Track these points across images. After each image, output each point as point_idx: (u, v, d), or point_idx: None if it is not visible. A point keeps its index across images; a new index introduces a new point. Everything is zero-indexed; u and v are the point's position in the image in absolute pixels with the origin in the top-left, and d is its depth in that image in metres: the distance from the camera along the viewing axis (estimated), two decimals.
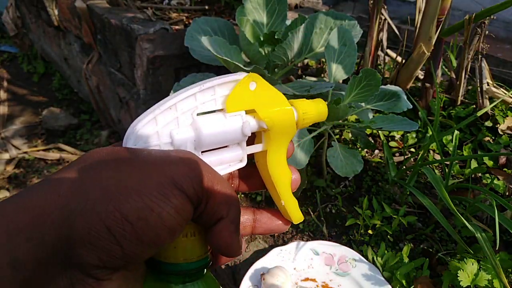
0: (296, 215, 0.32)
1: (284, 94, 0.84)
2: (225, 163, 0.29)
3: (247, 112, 0.29)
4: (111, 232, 0.20)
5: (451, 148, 0.93)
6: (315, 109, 0.31)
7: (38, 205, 0.20)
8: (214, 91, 0.27)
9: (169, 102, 0.26)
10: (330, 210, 0.87)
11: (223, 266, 0.80)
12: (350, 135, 1.04)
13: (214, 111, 0.28)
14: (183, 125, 0.27)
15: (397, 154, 1.01)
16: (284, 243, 0.81)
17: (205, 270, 0.27)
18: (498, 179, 0.86)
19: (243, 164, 0.30)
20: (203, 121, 0.27)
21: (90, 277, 0.21)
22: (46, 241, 0.19)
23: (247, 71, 0.85)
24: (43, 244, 0.19)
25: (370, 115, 0.91)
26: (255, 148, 0.30)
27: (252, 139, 0.31)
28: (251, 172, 0.32)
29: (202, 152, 0.28)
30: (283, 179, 0.31)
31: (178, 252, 0.25)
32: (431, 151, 1.00)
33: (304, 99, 0.32)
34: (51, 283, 0.20)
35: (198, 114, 0.27)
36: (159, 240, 0.21)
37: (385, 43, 1.14)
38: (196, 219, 0.24)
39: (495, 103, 0.96)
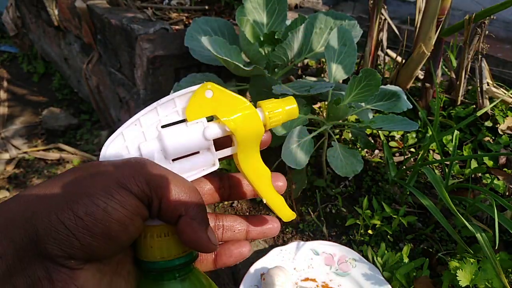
0: (285, 213, 0.33)
1: (284, 94, 0.84)
2: (198, 168, 0.31)
3: (210, 118, 0.31)
4: (66, 226, 0.23)
5: (451, 148, 0.93)
6: (282, 108, 0.32)
7: (10, 209, 0.24)
8: (175, 103, 0.30)
9: (132, 119, 0.29)
10: (330, 210, 0.87)
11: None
12: (350, 135, 1.04)
13: (177, 122, 0.30)
14: (149, 138, 0.29)
15: (397, 154, 1.01)
16: (284, 243, 0.81)
17: (192, 267, 0.29)
18: (498, 179, 0.86)
19: (216, 167, 0.31)
20: (166, 132, 0.29)
21: (63, 266, 0.24)
22: (17, 237, 0.23)
23: (247, 71, 0.85)
24: (15, 240, 0.23)
25: (370, 115, 0.91)
26: (225, 152, 0.32)
27: (229, 144, 0.32)
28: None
29: (173, 160, 0.30)
30: (260, 178, 0.32)
31: (154, 252, 0.27)
32: (431, 151, 1.00)
33: (273, 99, 0.33)
34: (29, 271, 0.23)
35: (162, 127, 0.29)
36: (112, 233, 0.24)
37: (385, 43, 1.14)
38: (159, 218, 0.27)
39: (495, 103, 0.96)
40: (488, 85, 1.01)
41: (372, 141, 1.04)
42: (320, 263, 0.74)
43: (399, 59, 1.16)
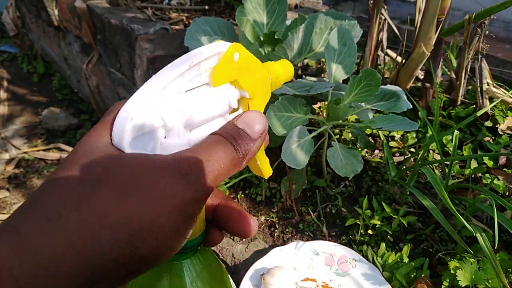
0: (267, 171, 0.34)
1: (284, 94, 0.84)
2: None
3: (231, 83, 0.29)
4: (130, 271, 0.21)
5: (451, 148, 0.93)
6: (284, 72, 0.33)
7: (48, 255, 0.19)
8: (200, 65, 0.27)
9: (158, 84, 0.25)
10: (330, 210, 0.87)
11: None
12: (350, 135, 1.04)
13: (200, 86, 0.27)
14: (173, 106, 0.26)
15: (397, 154, 1.01)
16: (284, 243, 0.81)
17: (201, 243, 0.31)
18: (498, 179, 0.86)
19: None
20: (193, 100, 0.26)
21: None
22: (79, 276, 0.20)
23: None
24: (76, 280, 0.20)
25: (370, 115, 0.91)
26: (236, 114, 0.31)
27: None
28: None
29: (191, 130, 0.28)
30: None
31: None
32: (431, 151, 1.00)
33: (273, 62, 0.32)
34: None
35: (186, 91, 0.27)
36: (165, 261, 0.23)
37: (385, 43, 1.14)
38: None
39: (495, 103, 0.96)
40: (488, 85, 1.01)
41: (372, 141, 1.04)
42: (320, 263, 0.74)
43: (399, 59, 1.16)
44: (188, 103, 0.26)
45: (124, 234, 0.20)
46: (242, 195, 0.92)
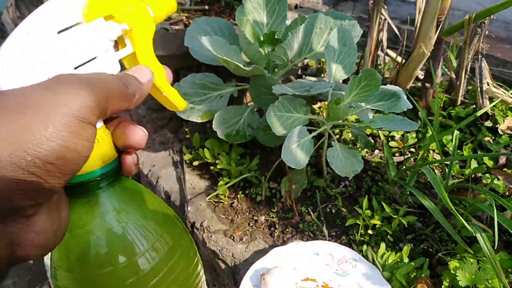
0: (180, 103, 0.35)
1: (284, 94, 0.84)
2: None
3: (106, 18, 0.29)
4: (37, 175, 0.22)
5: (451, 148, 0.93)
6: (165, 4, 0.34)
7: None
8: (69, 4, 0.27)
9: (25, 28, 0.26)
10: (330, 210, 0.87)
11: (223, 266, 0.80)
12: (350, 135, 1.04)
13: (73, 25, 0.28)
14: (49, 47, 0.26)
15: (397, 154, 1.01)
16: (284, 243, 0.81)
17: (119, 173, 0.31)
18: (498, 179, 0.86)
19: (117, 71, 0.31)
20: (67, 37, 0.27)
21: (21, 217, 0.23)
22: None
23: (247, 71, 0.85)
24: None
25: (370, 115, 0.91)
26: (125, 52, 0.31)
27: (115, 48, 0.32)
28: None
29: (75, 68, 0.28)
30: (158, 74, 0.34)
31: (95, 160, 0.28)
32: (431, 151, 1.00)
33: None
34: None
35: (59, 32, 0.27)
36: (78, 168, 0.24)
37: (385, 43, 1.14)
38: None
39: (495, 103, 0.96)
40: (488, 85, 1.01)
41: (372, 141, 1.04)
42: (320, 263, 0.74)
43: (399, 59, 1.16)
44: (63, 43, 0.26)
45: (20, 145, 0.21)
46: (242, 195, 0.92)
